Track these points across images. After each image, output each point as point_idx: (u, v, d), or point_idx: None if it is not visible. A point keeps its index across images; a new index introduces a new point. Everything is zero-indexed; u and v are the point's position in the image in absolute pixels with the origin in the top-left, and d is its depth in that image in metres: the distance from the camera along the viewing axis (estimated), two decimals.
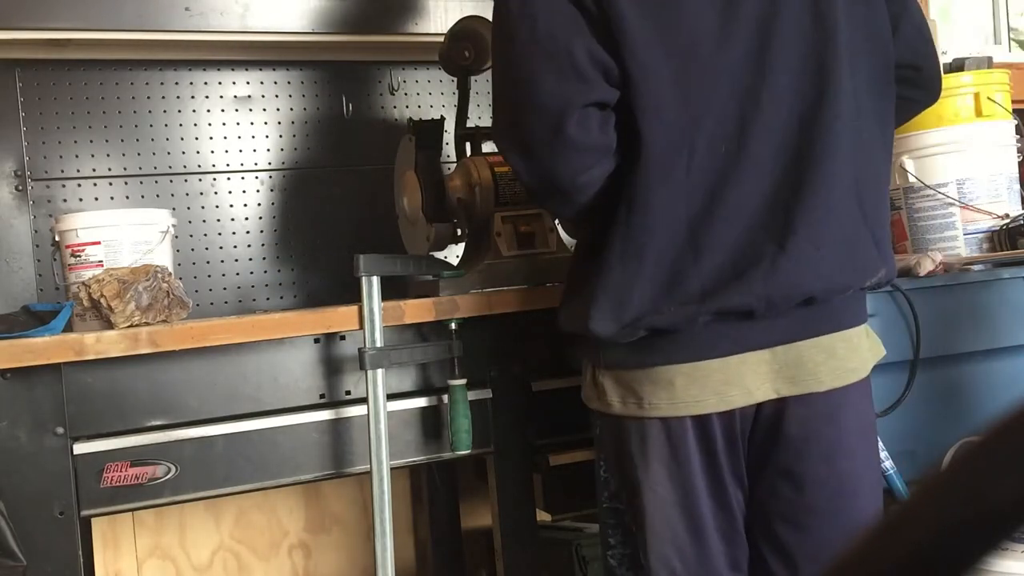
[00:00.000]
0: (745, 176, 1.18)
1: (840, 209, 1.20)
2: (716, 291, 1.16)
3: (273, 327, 1.51)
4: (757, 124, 1.18)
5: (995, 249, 1.83)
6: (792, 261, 1.16)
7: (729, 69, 1.18)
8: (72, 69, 1.96)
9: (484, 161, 1.75)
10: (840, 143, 1.20)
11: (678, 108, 1.16)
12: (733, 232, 1.17)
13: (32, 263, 1.92)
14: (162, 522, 2.11)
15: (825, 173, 1.18)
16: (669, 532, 1.24)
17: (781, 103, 1.19)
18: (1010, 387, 1.65)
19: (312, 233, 2.14)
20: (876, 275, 1.24)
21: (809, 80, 1.20)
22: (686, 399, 1.20)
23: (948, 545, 0.33)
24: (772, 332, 1.20)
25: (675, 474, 1.22)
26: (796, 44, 1.20)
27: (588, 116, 1.16)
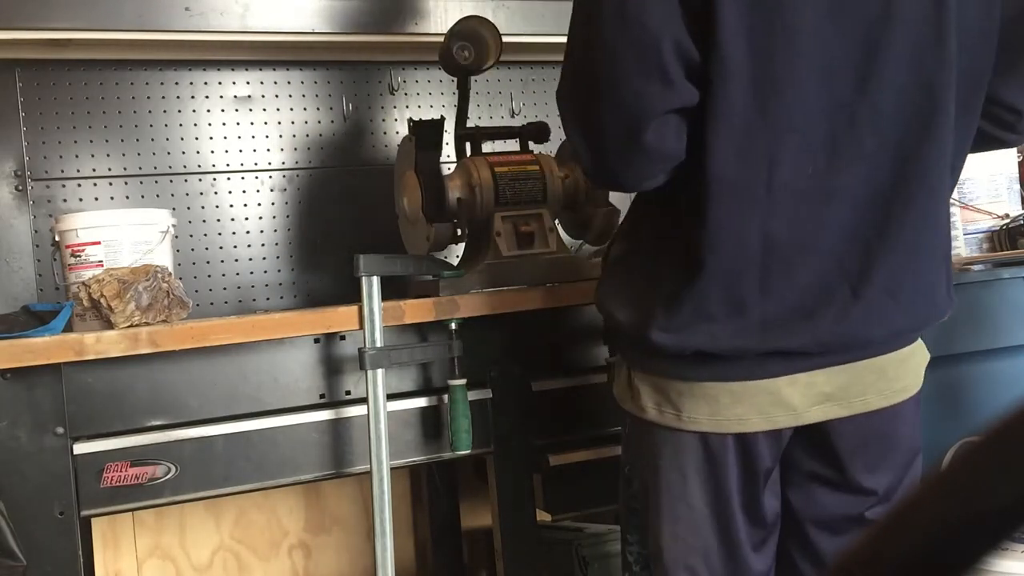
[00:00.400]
0: (829, 204, 1.06)
1: (925, 255, 1.11)
2: (776, 330, 1.09)
3: (273, 327, 1.51)
4: (849, 146, 1.06)
5: (995, 249, 1.83)
6: (863, 311, 1.09)
7: (824, 77, 1.04)
8: (72, 69, 1.96)
9: (484, 161, 1.75)
10: (939, 183, 1.10)
11: (757, 114, 1.03)
12: (806, 266, 1.08)
13: (32, 263, 1.92)
14: (162, 522, 2.11)
15: (917, 215, 1.08)
16: (700, 543, 1.18)
17: (880, 126, 1.06)
18: (1010, 387, 1.65)
19: (312, 233, 2.14)
20: (945, 316, 1.17)
21: (916, 104, 1.06)
22: (729, 417, 1.13)
23: (948, 545, 0.33)
24: (824, 358, 1.13)
25: (710, 488, 1.17)
26: (909, 63, 1.05)
27: (667, 123, 1.05)
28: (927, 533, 0.33)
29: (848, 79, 1.05)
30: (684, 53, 1.01)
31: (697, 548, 1.19)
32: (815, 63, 1.04)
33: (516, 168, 1.75)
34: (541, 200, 1.76)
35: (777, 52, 1.02)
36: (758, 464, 1.16)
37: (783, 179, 1.05)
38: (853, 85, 1.05)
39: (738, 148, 1.04)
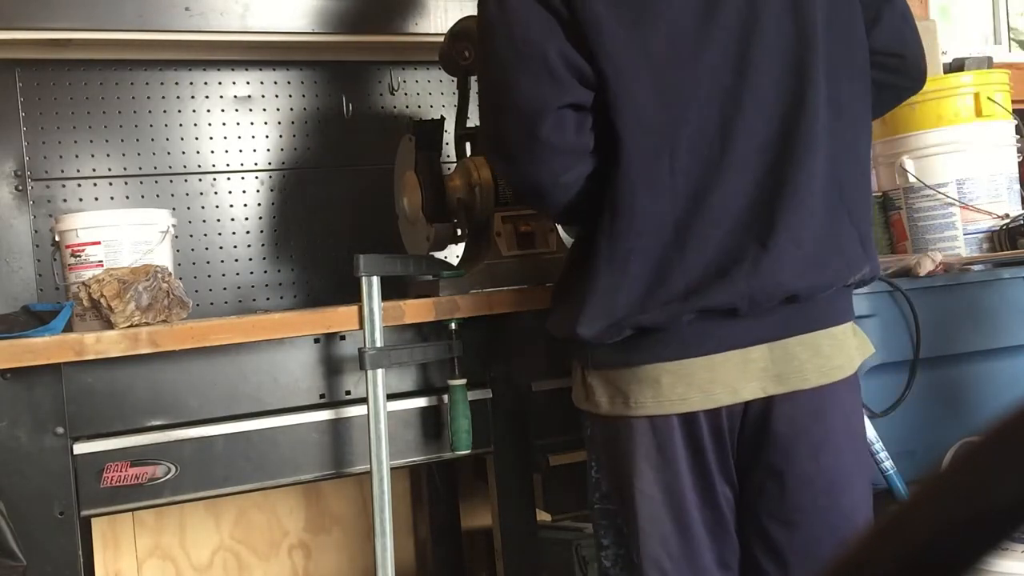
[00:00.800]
0: (728, 177, 1.19)
1: (822, 208, 1.21)
2: (700, 289, 1.18)
3: (273, 327, 1.51)
4: (739, 126, 1.19)
5: (995, 249, 1.83)
6: (774, 260, 1.18)
7: (710, 71, 1.19)
8: (72, 69, 1.96)
9: (484, 161, 1.75)
10: (819, 144, 1.21)
11: (657, 110, 1.17)
12: (717, 232, 1.18)
13: (32, 263, 1.92)
14: (162, 522, 2.11)
15: (806, 173, 1.19)
16: (657, 531, 1.24)
17: (762, 105, 1.20)
18: (1010, 387, 1.65)
19: (312, 233, 2.14)
20: (860, 272, 1.25)
21: (789, 83, 1.21)
22: (672, 397, 1.21)
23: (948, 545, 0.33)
24: (757, 330, 1.21)
25: (662, 473, 1.23)
26: (776, 46, 1.21)
27: (563, 118, 1.18)
28: (927, 533, 0.33)
29: (729, 72, 1.20)
30: (572, 62, 1.17)
31: (657, 537, 1.24)
32: (702, 59, 1.19)
33: None
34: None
35: (664, 56, 1.18)
36: (703, 444, 1.22)
37: (684, 164, 1.18)
38: (734, 74, 1.20)
39: (645, 145, 1.17)
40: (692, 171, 1.19)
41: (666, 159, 1.18)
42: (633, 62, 1.17)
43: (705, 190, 1.19)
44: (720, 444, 1.24)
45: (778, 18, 1.21)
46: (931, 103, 1.87)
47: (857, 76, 1.28)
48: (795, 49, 1.21)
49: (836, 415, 1.25)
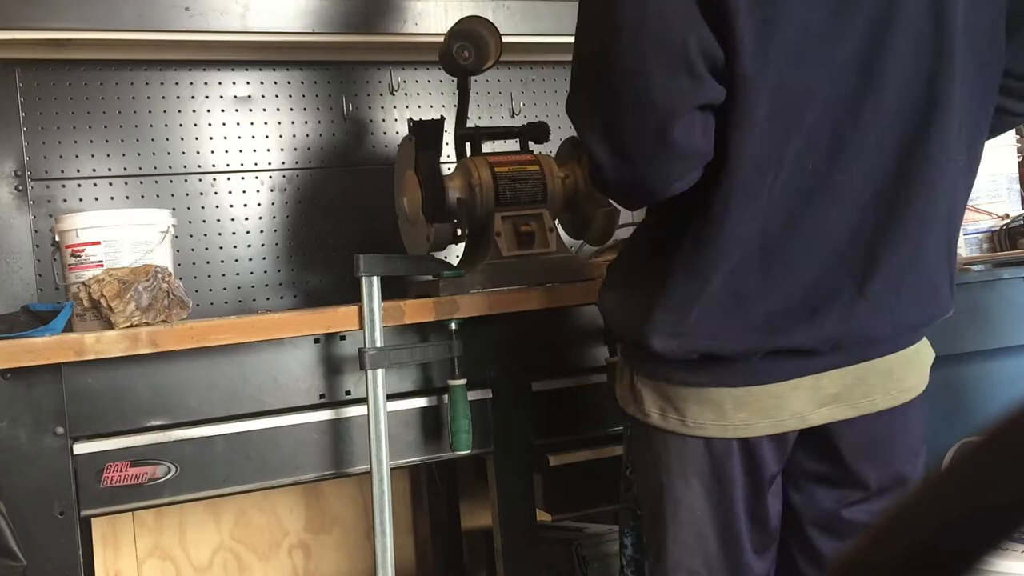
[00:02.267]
0: (831, 200, 1.06)
1: (928, 251, 1.10)
2: (783, 326, 1.08)
3: (273, 327, 1.51)
4: (852, 143, 1.05)
5: (995, 249, 1.83)
6: (869, 309, 1.08)
7: (830, 75, 1.04)
8: (72, 69, 1.97)
9: (484, 161, 1.75)
10: (942, 179, 1.08)
11: (770, 118, 1.02)
12: (810, 262, 1.07)
13: (32, 263, 1.92)
14: (162, 522, 2.11)
15: (920, 211, 1.07)
16: (701, 547, 1.18)
17: (883, 123, 1.06)
18: (1010, 387, 1.65)
19: (312, 233, 2.14)
20: (948, 313, 1.17)
21: (918, 101, 1.06)
22: (735, 422, 1.12)
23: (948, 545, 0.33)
24: (831, 359, 1.12)
25: (713, 493, 1.16)
26: (910, 56, 1.05)
27: (693, 120, 1.02)
28: (927, 533, 0.33)
29: (852, 75, 1.05)
30: (709, 51, 1.00)
31: (699, 552, 1.18)
32: (822, 65, 1.04)
33: (516, 168, 1.75)
34: (541, 200, 1.76)
35: (786, 58, 1.02)
36: (763, 469, 1.15)
37: (786, 179, 1.05)
38: (857, 81, 1.05)
39: (752, 155, 1.03)
40: (793, 188, 1.05)
41: (771, 172, 1.04)
42: (757, 61, 1.00)
43: (803, 211, 1.06)
44: (778, 465, 1.17)
45: (917, 23, 1.05)
46: None
47: (988, 98, 1.14)
48: (931, 64, 1.06)
49: (903, 434, 1.20)
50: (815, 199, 1.06)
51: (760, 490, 1.16)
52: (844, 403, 1.14)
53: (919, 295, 1.12)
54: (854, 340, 1.11)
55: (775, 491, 1.19)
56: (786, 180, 1.04)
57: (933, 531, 0.33)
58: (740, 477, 1.15)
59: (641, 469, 1.26)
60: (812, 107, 1.04)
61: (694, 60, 0.99)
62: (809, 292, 1.07)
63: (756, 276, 1.07)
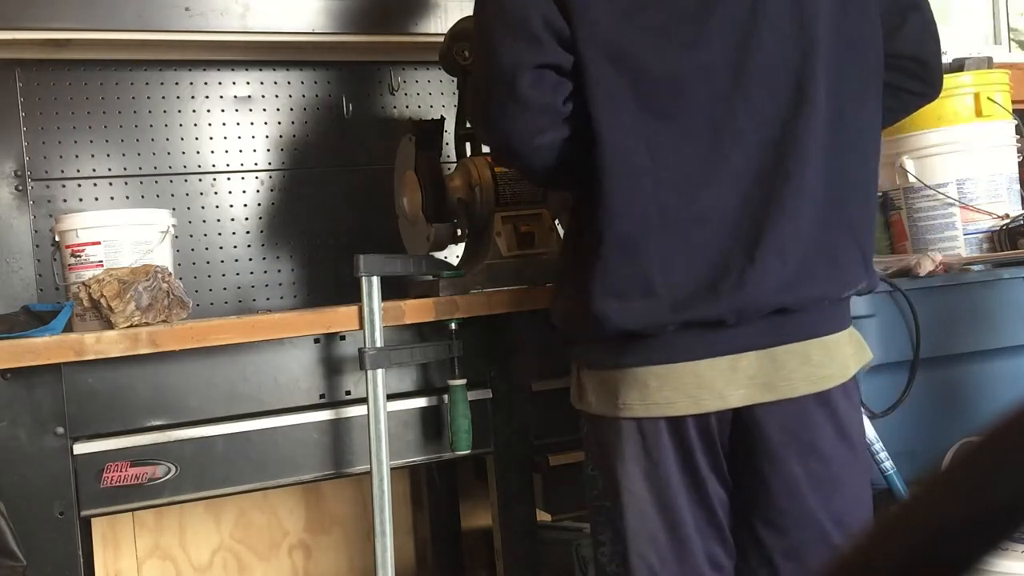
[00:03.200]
0: (718, 183, 1.18)
1: (814, 222, 1.19)
2: (685, 302, 1.17)
3: (273, 327, 1.51)
4: (731, 133, 1.18)
5: (995, 249, 1.83)
6: (760, 274, 1.16)
7: (702, 72, 1.18)
8: (72, 69, 1.96)
9: (484, 161, 1.75)
10: (814, 156, 1.19)
11: (631, 97, 1.17)
12: (704, 240, 1.17)
13: (32, 263, 1.92)
14: (162, 522, 2.11)
15: (797, 187, 1.18)
16: (646, 530, 1.24)
17: (756, 114, 1.19)
18: (1010, 387, 1.65)
19: (312, 233, 2.14)
20: (857, 286, 1.24)
21: (785, 92, 1.19)
22: (659, 400, 1.20)
23: (948, 545, 0.33)
24: (746, 337, 1.20)
25: (650, 473, 1.23)
26: (774, 50, 1.19)
27: (542, 76, 1.19)
28: (927, 533, 0.33)
29: (725, 74, 1.18)
30: (553, 26, 1.18)
31: (645, 535, 1.24)
32: (691, 60, 1.18)
33: None
34: (541, 200, 1.76)
35: (648, 49, 1.17)
36: (692, 447, 1.22)
37: (666, 161, 1.17)
38: (730, 79, 1.18)
39: (618, 126, 1.17)
40: (680, 173, 1.18)
41: (643, 148, 1.17)
42: (612, 43, 1.17)
43: (692, 191, 1.18)
44: (710, 446, 1.23)
45: (779, 22, 1.19)
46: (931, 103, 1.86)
47: (868, 85, 1.26)
48: (795, 59, 1.19)
49: (826, 421, 1.24)
50: (704, 183, 1.18)
51: (694, 469, 1.23)
52: (762, 385, 1.20)
53: (812, 264, 1.19)
54: (753, 307, 1.17)
55: (718, 473, 1.25)
56: (670, 163, 1.17)
57: (933, 531, 0.33)
58: (671, 456, 1.22)
59: (598, 462, 1.35)
60: (684, 97, 1.18)
61: (535, 29, 1.18)
62: (707, 266, 1.18)
63: (656, 253, 1.17)
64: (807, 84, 1.19)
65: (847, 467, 1.27)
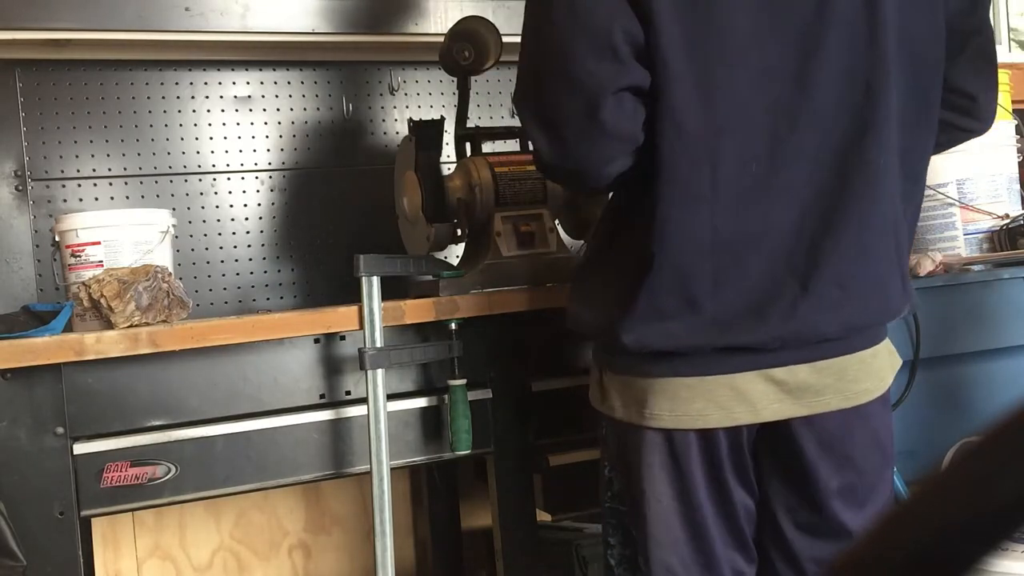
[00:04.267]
0: (774, 202, 1.11)
1: (872, 251, 1.13)
2: (730, 325, 1.12)
3: (273, 327, 1.51)
4: (791, 146, 1.10)
5: (995, 249, 1.83)
6: (813, 304, 1.11)
7: (764, 78, 1.09)
8: (72, 69, 1.96)
9: (484, 161, 1.75)
10: (882, 179, 1.12)
11: (699, 115, 1.08)
12: (755, 262, 1.11)
13: (32, 263, 1.92)
14: (162, 522, 2.11)
15: (861, 211, 1.11)
16: (670, 538, 1.22)
17: (820, 126, 1.10)
18: (1010, 387, 1.65)
19: (312, 233, 2.14)
20: (901, 313, 1.20)
21: (854, 103, 1.11)
22: (690, 412, 1.16)
23: (948, 545, 0.33)
24: (783, 355, 1.16)
25: (676, 483, 1.20)
26: (842, 59, 1.10)
27: (623, 101, 1.09)
28: (927, 533, 0.33)
29: (787, 81, 1.10)
30: (633, 39, 1.08)
31: (670, 544, 1.22)
32: (752, 66, 1.09)
33: (516, 168, 1.75)
34: (541, 200, 1.76)
35: (714, 56, 1.08)
36: (721, 460, 1.19)
37: (726, 177, 1.09)
38: (791, 87, 1.10)
39: (681, 147, 1.09)
40: (737, 189, 1.10)
41: (706, 167, 1.09)
42: (678, 58, 1.07)
43: (747, 209, 1.10)
44: (740, 457, 1.20)
45: (849, 26, 1.10)
46: None
47: (931, 105, 1.19)
48: (865, 66, 1.10)
49: (862, 433, 1.22)
50: (760, 200, 1.11)
51: (721, 481, 1.20)
52: (796, 400, 1.17)
53: (865, 293, 1.15)
54: (801, 337, 1.14)
55: (745, 484, 1.22)
56: (728, 180, 1.09)
57: (933, 531, 0.33)
58: (700, 468, 1.19)
59: (619, 466, 1.31)
60: (746, 109, 1.09)
61: (618, 45, 1.07)
62: (756, 292, 1.12)
63: (706, 273, 1.11)
64: (878, 95, 1.11)
65: (879, 476, 1.25)
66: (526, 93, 1.19)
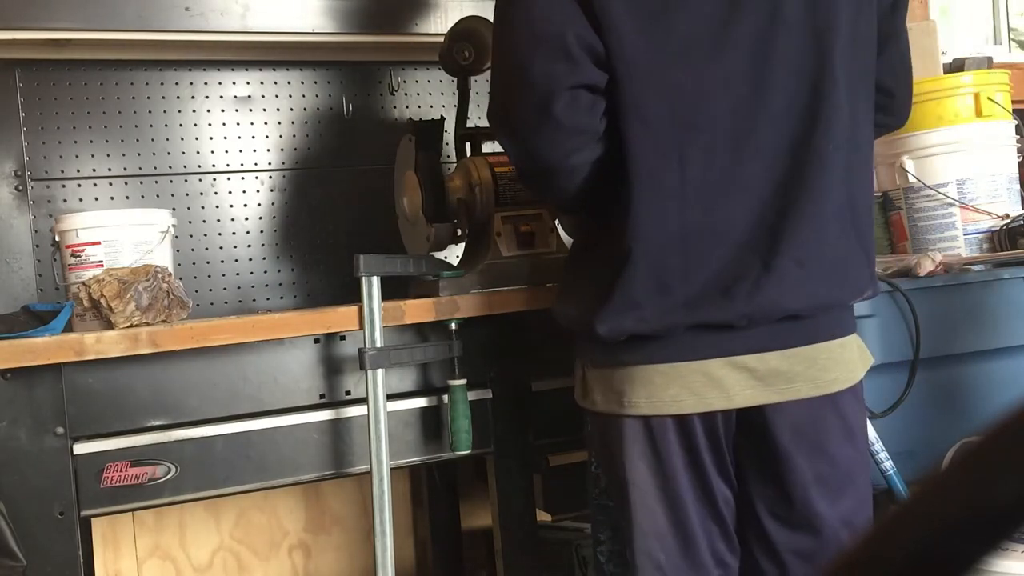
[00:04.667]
0: (737, 193, 1.19)
1: (828, 232, 1.21)
2: (699, 304, 1.18)
3: (273, 327, 1.51)
4: (751, 142, 1.19)
5: (995, 249, 1.83)
6: (775, 281, 1.18)
7: (724, 82, 1.18)
8: (72, 69, 1.96)
9: (484, 161, 1.75)
10: (831, 168, 1.20)
11: (664, 113, 1.17)
12: (721, 247, 1.18)
13: (32, 263, 1.92)
14: (162, 522, 2.11)
15: (814, 198, 1.19)
16: (653, 526, 1.25)
17: (775, 124, 1.19)
18: (1010, 387, 1.65)
19: (312, 233, 2.14)
20: (864, 293, 1.26)
21: (804, 102, 1.19)
22: (664, 398, 1.21)
23: (948, 545, 0.33)
24: (753, 340, 1.21)
25: (656, 470, 1.24)
26: (793, 62, 1.19)
27: (577, 98, 1.17)
28: (927, 533, 0.33)
29: (745, 84, 1.18)
30: (588, 43, 1.15)
31: (652, 532, 1.26)
32: (713, 71, 1.17)
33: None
34: (541, 200, 1.75)
35: (676, 61, 1.17)
36: (698, 445, 1.23)
37: (694, 173, 1.17)
38: (749, 90, 1.18)
39: (651, 144, 1.17)
40: (703, 182, 1.18)
41: (674, 165, 1.17)
42: (642, 59, 1.16)
43: (713, 202, 1.18)
44: (716, 445, 1.25)
45: (796, 34, 1.19)
46: (931, 103, 1.87)
47: (869, 96, 1.27)
48: (812, 69, 1.20)
49: (835, 423, 1.26)
50: (724, 195, 1.19)
51: (700, 467, 1.24)
52: (768, 387, 1.22)
53: (825, 271, 1.20)
54: (766, 313, 1.19)
55: (723, 472, 1.26)
56: (697, 174, 1.17)
57: (933, 531, 0.33)
58: (678, 453, 1.23)
59: (603, 460, 1.35)
60: (709, 109, 1.17)
61: (571, 47, 1.15)
62: (723, 274, 1.19)
63: (677, 261, 1.18)
64: (825, 93, 1.19)
65: (854, 469, 1.29)
66: (494, 108, 1.28)
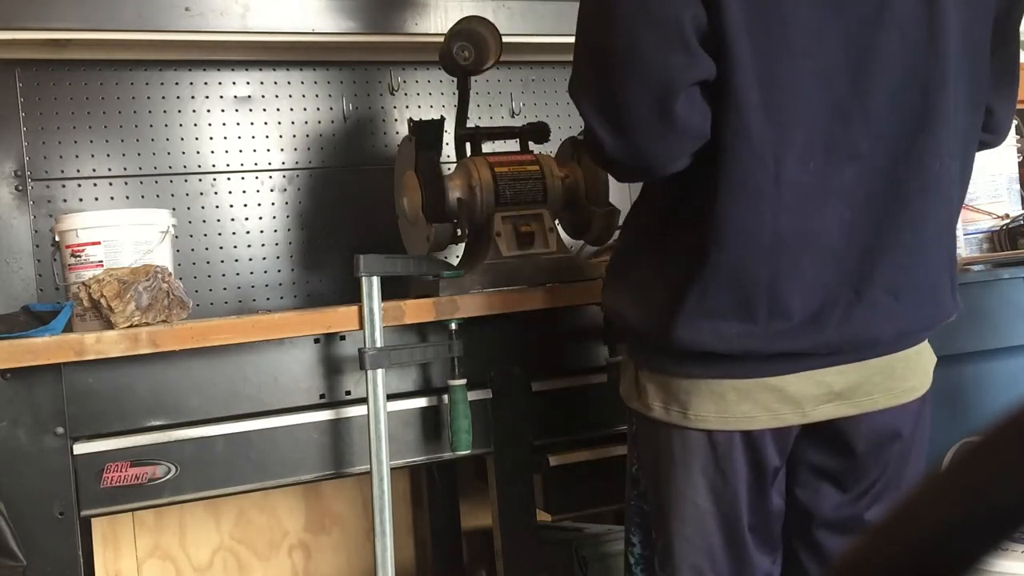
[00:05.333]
0: (829, 203, 1.06)
1: (926, 256, 1.11)
2: (786, 333, 1.09)
3: (273, 327, 1.51)
4: (845, 146, 1.06)
5: (995, 249, 1.83)
6: (867, 312, 1.09)
7: (821, 77, 1.05)
8: (72, 69, 1.96)
9: (484, 161, 1.75)
10: (936, 186, 1.09)
11: (760, 107, 1.03)
12: (810, 266, 1.07)
13: (32, 263, 1.92)
14: (162, 522, 2.11)
15: (915, 216, 1.08)
16: (705, 543, 1.18)
17: (874, 126, 1.06)
18: (1010, 387, 1.65)
19: (312, 233, 2.14)
20: (950, 318, 1.19)
21: (910, 105, 1.06)
22: (736, 414, 1.12)
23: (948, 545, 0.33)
24: (833, 358, 1.13)
25: (718, 487, 1.16)
26: (900, 61, 1.05)
27: (692, 97, 1.03)
28: (927, 533, 0.33)
29: (843, 79, 1.05)
30: (701, 29, 1.02)
31: (702, 548, 1.18)
32: (812, 62, 1.04)
33: (516, 168, 1.75)
34: (541, 200, 1.76)
35: (777, 48, 1.03)
36: (766, 462, 1.15)
37: (788, 175, 1.04)
38: (847, 85, 1.05)
39: (746, 141, 1.04)
40: (798, 186, 1.05)
41: (770, 164, 1.04)
42: (743, 45, 1.02)
43: (807, 212, 1.06)
44: (781, 459, 1.18)
45: (907, 23, 1.05)
46: None
47: (979, 109, 1.15)
48: (922, 66, 1.06)
49: (908, 431, 1.20)
50: (817, 201, 1.06)
51: (763, 485, 1.17)
52: (846, 400, 1.15)
53: (918, 299, 1.12)
54: (855, 344, 1.11)
55: (778, 487, 1.20)
56: (790, 178, 1.05)
57: (933, 531, 0.33)
58: (743, 471, 1.15)
59: (647, 465, 1.26)
60: (807, 105, 1.04)
61: (688, 36, 1.01)
62: (811, 298, 1.08)
63: (763, 276, 1.07)
64: (935, 101, 1.07)
65: (916, 474, 1.24)
66: (586, 84, 1.09)
